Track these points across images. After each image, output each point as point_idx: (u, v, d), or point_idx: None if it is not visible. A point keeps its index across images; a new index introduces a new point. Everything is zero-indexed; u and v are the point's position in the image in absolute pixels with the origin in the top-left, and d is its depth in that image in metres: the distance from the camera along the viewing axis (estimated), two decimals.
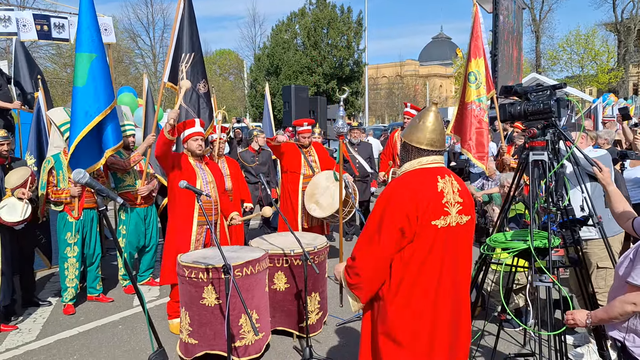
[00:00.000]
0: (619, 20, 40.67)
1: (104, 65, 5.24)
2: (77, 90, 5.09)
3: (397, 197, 2.33)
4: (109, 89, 5.24)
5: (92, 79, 5.08)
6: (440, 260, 2.37)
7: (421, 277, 2.35)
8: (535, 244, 2.93)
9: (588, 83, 40.69)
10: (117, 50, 29.01)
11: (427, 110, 2.52)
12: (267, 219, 8.48)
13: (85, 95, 5.07)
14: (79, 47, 5.11)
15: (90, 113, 5.07)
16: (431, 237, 2.34)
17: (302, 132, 6.74)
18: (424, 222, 2.32)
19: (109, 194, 2.38)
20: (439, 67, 71.42)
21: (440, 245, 2.36)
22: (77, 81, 5.08)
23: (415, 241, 2.33)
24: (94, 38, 5.10)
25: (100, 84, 5.14)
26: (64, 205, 5.31)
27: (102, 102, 5.14)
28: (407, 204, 2.30)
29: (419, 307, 2.36)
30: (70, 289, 5.38)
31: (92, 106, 5.09)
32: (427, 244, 2.34)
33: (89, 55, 5.07)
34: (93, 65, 5.09)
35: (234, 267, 3.73)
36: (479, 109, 6.33)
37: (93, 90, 5.10)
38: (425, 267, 2.35)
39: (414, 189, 2.34)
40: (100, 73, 5.15)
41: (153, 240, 6.13)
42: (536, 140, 3.07)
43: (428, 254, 2.34)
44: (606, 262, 3.94)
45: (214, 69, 44.72)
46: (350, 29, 31.17)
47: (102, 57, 5.20)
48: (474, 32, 6.47)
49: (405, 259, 2.35)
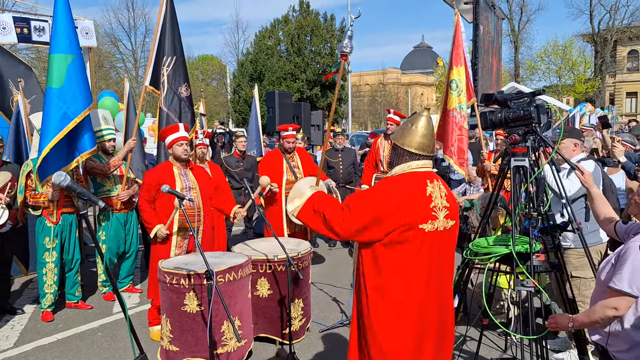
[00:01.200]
0: (596, 31, 41.58)
1: (82, 67, 5.15)
2: (52, 92, 4.95)
3: (383, 191, 2.36)
4: (87, 91, 5.15)
5: (69, 81, 4.97)
6: (428, 264, 2.39)
7: (410, 281, 2.36)
8: (517, 249, 2.96)
9: (565, 92, 41.46)
10: (97, 55, 28.68)
11: (419, 114, 2.54)
12: (252, 225, 8.44)
13: (63, 97, 4.95)
14: (54, 48, 4.99)
15: (68, 115, 4.96)
16: (419, 241, 2.35)
17: (286, 136, 6.74)
18: (413, 225, 2.33)
19: (90, 197, 2.34)
20: (420, 76, 72.13)
21: (427, 249, 2.38)
22: (53, 82, 4.94)
23: (403, 245, 2.33)
24: (71, 39, 5.00)
25: (79, 86, 5.05)
26: (42, 210, 5.21)
27: (81, 103, 5.05)
28: (391, 201, 2.32)
29: (407, 313, 2.36)
30: (48, 295, 5.27)
31: (71, 107, 4.98)
32: (415, 248, 2.35)
33: (65, 57, 4.97)
34: (71, 66, 4.99)
35: (216, 272, 3.69)
36: (460, 116, 6.40)
37: (72, 92, 4.99)
38: (414, 271, 2.36)
39: (403, 191, 2.35)
40: (78, 75, 5.05)
41: (133, 246, 6.05)
42: (517, 147, 3.12)
43: (415, 257, 2.35)
44: (580, 271, 3.98)
45: (196, 74, 44.47)
46: (333, 36, 31.35)
47: (79, 59, 5.10)
48: (455, 41, 6.55)
49: (392, 262, 2.35)
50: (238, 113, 32.37)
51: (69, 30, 5.02)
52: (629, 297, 2.36)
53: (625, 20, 41.20)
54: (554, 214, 3.34)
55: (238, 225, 8.68)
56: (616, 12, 41.10)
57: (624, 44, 43.20)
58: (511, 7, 43.05)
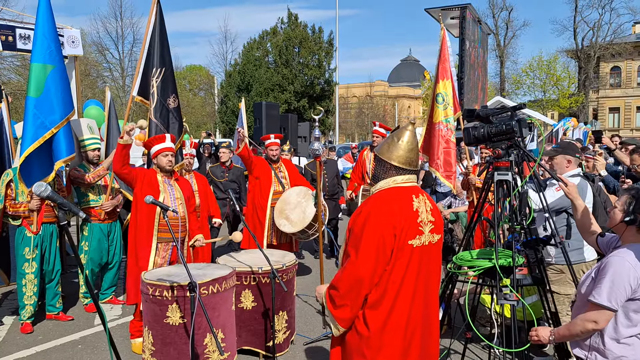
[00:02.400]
0: (580, 47, 42.37)
1: (62, 77, 5.12)
2: (30, 101, 4.95)
3: (375, 216, 2.33)
4: (66, 101, 5.13)
5: (48, 91, 4.96)
6: (415, 279, 2.38)
7: (397, 296, 2.35)
8: (500, 262, 2.98)
9: (550, 107, 42.10)
10: (84, 63, 28.52)
11: (404, 128, 2.53)
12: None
13: (40, 106, 4.94)
14: (33, 57, 4.99)
15: (45, 124, 4.94)
16: (407, 257, 2.34)
17: (269, 145, 6.75)
18: (402, 242, 2.32)
19: (71, 208, 2.31)
20: (407, 89, 72.74)
21: (415, 265, 2.37)
22: (31, 91, 4.95)
23: (394, 262, 2.33)
24: (51, 49, 4.99)
25: (58, 96, 5.02)
26: (22, 220, 5.14)
27: (58, 114, 5.02)
28: (385, 224, 2.30)
29: (392, 327, 2.36)
30: (28, 306, 5.17)
31: (48, 118, 4.96)
32: (404, 264, 2.34)
33: (44, 66, 4.96)
34: (50, 76, 4.97)
35: (200, 284, 3.66)
36: (446, 129, 6.46)
37: (49, 102, 4.97)
38: (401, 287, 2.35)
39: (391, 209, 2.34)
40: (58, 85, 5.03)
41: (116, 257, 5.98)
42: (501, 161, 3.15)
43: (404, 274, 2.34)
44: (555, 286, 4.01)
45: (183, 84, 44.38)
46: (321, 48, 31.52)
47: (60, 69, 5.08)
48: (441, 55, 6.63)
49: (382, 279, 2.34)
50: (225, 124, 32.32)
51: (50, 40, 5.00)
52: (608, 310, 2.39)
53: (608, 38, 42.08)
54: (537, 227, 3.38)
55: (222, 235, 8.62)
56: (599, 29, 42.01)
57: (607, 60, 44.06)
58: (497, 23, 43.77)
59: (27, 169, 4.99)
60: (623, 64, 44.53)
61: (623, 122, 45.28)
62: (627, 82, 44.99)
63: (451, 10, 13.21)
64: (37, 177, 4.96)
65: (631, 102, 44.79)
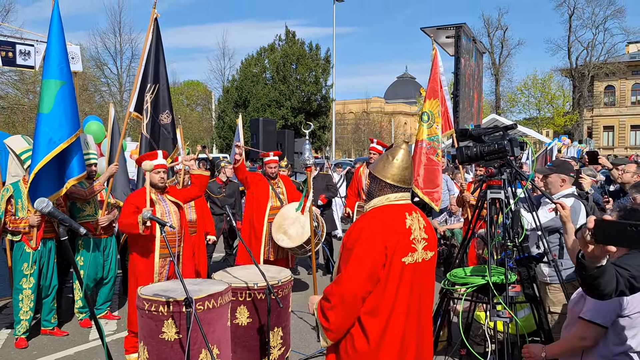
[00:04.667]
0: (574, 66, 42.87)
1: (71, 93, 5.18)
2: (41, 117, 5.00)
3: (368, 234, 2.35)
4: (74, 117, 5.17)
5: (58, 107, 5.00)
6: (408, 296, 2.40)
7: (391, 314, 2.37)
8: (493, 280, 3.02)
9: (545, 125, 42.45)
10: (82, 78, 28.64)
11: (397, 147, 2.57)
12: (232, 251, 8.40)
13: (50, 122, 4.97)
14: (45, 74, 5.05)
15: (54, 140, 4.97)
16: (399, 275, 2.36)
17: (268, 162, 6.81)
18: (394, 259, 2.35)
19: (72, 224, 2.34)
20: (403, 105, 73.18)
21: (407, 282, 2.39)
22: (43, 108, 4.99)
23: (386, 279, 2.35)
24: (62, 65, 5.05)
25: (67, 112, 5.07)
26: (21, 235, 5.15)
27: (67, 130, 5.05)
28: (377, 241, 2.33)
29: (386, 346, 2.38)
30: (23, 321, 5.16)
31: (57, 133, 4.99)
32: (396, 282, 2.36)
33: (55, 82, 5.00)
34: (60, 92, 5.02)
35: (195, 300, 3.68)
36: (428, 147, 6.56)
37: (58, 118, 5.01)
38: (395, 304, 2.37)
39: (384, 226, 2.36)
40: (67, 101, 5.08)
41: (111, 272, 5.97)
42: (494, 179, 3.21)
43: (397, 292, 2.37)
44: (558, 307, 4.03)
45: (181, 99, 44.57)
46: (318, 65, 31.78)
47: (69, 85, 5.14)
48: (431, 75, 6.78)
49: (373, 297, 2.37)
50: (222, 139, 32.42)
51: (61, 56, 5.05)
52: (598, 327, 2.42)
53: (602, 57, 42.60)
54: (530, 246, 3.43)
55: (218, 251, 8.64)
56: (593, 49, 42.57)
57: (601, 79, 44.54)
58: (492, 41, 44.33)
59: (35, 185, 5.02)
60: (617, 83, 45.02)
61: (617, 140, 45.63)
62: (621, 101, 45.44)
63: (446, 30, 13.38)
64: (43, 194, 4.98)
65: (625, 120, 45.19)
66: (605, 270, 1.85)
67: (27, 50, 6.59)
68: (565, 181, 4.14)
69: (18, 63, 6.58)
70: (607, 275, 1.89)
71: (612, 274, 1.94)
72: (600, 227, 1.67)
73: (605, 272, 1.86)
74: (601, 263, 1.82)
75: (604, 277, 1.87)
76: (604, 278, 1.88)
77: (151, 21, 5.69)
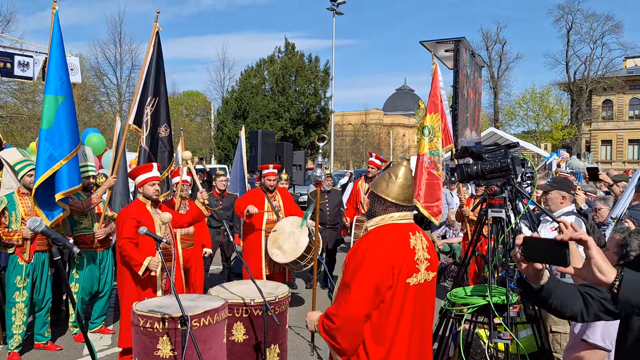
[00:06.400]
0: (572, 80, 43.08)
1: (71, 109, 5.15)
2: (42, 133, 4.98)
3: (372, 255, 2.31)
4: (74, 133, 5.13)
5: (58, 122, 4.97)
6: (412, 317, 2.36)
7: (396, 337, 2.33)
8: (494, 300, 2.97)
9: (543, 139, 42.55)
10: (82, 88, 28.67)
11: (399, 164, 2.53)
12: (229, 265, 8.33)
13: (50, 138, 4.94)
14: (46, 89, 5.03)
15: (54, 156, 4.93)
16: (403, 296, 2.32)
17: (267, 174, 6.78)
18: (399, 280, 2.30)
19: (65, 243, 2.30)
20: (402, 117, 73.44)
21: (411, 303, 2.35)
22: (44, 123, 4.97)
23: (390, 301, 2.31)
24: (63, 80, 5.02)
25: (67, 128, 5.03)
26: (15, 248, 5.08)
27: (67, 146, 5.01)
28: (383, 262, 2.28)
29: None
30: (16, 335, 5.08)
31: (57, 149, 4.95)
32: (400, 303, 2.32)
33: (57, 98, 4.98)
34: (60, 108, 4.99)
35: (191, 317, 3.62)
36: (429, 161, 6.56)
37: (59, 134, 4.98)
38: (398, 324, 2.33)
39: (388, 247, 2.32)
40: (67, 116, 5.04)
41: (107, 285, 5.90)
42: (495, 198, 3.17)
43: (401, 313, 2.32)
44: (560, 326, 3.98)
45: (180, 109, 44.61)
46: (317, 77, 31.87)
47: (69, 100, 5.11)
48: (432, 89, 6.79)
49: (377, 319, 2.32)
50: (221, 150, 32.41)
51: (62, 71, 5.03)
52: (602, 350, 2.37)
53: (600, 72, 42.83)
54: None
55: (216, 264, 8.57)
56: (591, 63, 42.83)
57: (599, 93, 44.75)
58: (491, 55, 44.56)
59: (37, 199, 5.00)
60: (615, 98, 45.23)
61: (615, 154, 45.74)
62: (619, 116, 45.62)
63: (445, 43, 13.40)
64: (43, 209, 4.95)
65: (623, 134, 45.34)
66: (550, 289, 1.77)
67: (26, 62, 6.56)
68: (565, 198, 4.10)
69: (16, 74, 6.55)
70: (557, 295, 1.79)
71: (569, 294, 1.84)
72: (529, 245, 1.65)
73: (551, 292, 1.78)
74: (542, 282, 1.75)
75: (552, 297, 1.79)
76: (553, 297, 1.79)
77: (153, 34, 5.68)
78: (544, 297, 1.79)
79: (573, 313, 1.85)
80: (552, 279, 1.77)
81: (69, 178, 5.11)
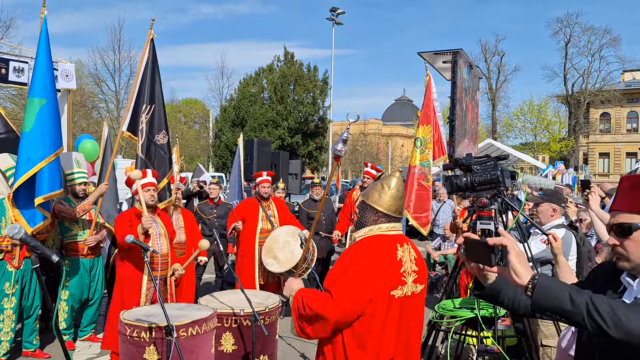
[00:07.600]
0: (570, 93, 43.28)
1: (54, 112, 5.08)
2: (22, 135, 4.94)
3: (357, 265, 2.30)
4: (55, 136, 5.06)
5: (39, 125, 4.92)
6: (397, 329, 2.33)
7: (379, 348, 2.30)
8: (482, 313, 2.95)
9: (541, 150, 42.65)
10: (80, 94, 28.71)
11: (391, 175, 2.53)
12: (222, 274, 8.28)
13: (29, 141, 4.89)
14: (30, 91, 5.01)
15: (32, 159, 4.86)
16: (386, 308, 2.30)
17: (261, 182, 6.76)
18: (383, 292, 2.28)
19: (44, 251, 2.27)
20: (400, 128, 73.63)
21: (395, 316, 2.32)
22: (25, 126, 4.93)
23: (372, 313, 2.29)
24: (46, 84, 4.99)
25: (47, 131, 4.97)
26: (4, 254, 5.04)
27: (47, 149, 4.94)
28: (366, 274, 2.27)
29: None
30: (4, 342, 5.02)
31: (35, 153, 4.88)
32: (382, 315, 2.29)
33: (39, 101, 4.94)
34: (42, 111, 4.94)
35: (178, 326, 3.58)
36: (420, 173, 6.59)
37: (39, 137, 4.92)
38: (383, 337, 2.30)
39: (374, 258, 2.30)
40: (49, 119, 4.99)
41: (97, 293, 5.86)
42: (484, 210, 3.15)
43: (384, 325, 2.30)
44: (550, 340, 3.95)
45: (179, 117, 44.69)
46: (316, 86, 31.98)
47: (52, 103, 5.05)
48: (425, 101, 6.81)
49: (360, 330, 2.30)
50: (219, 157, 32.42)
51: (46, 74, 5.01)
52: None
53: (597, 85, 43.04)
54: None
55: (209, 273, 8.53)
56: (588, 76, 43.05)
57: (596, 106, 44.94)
58: (489, 67, 44.76)
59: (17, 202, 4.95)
60: (612, 110, 45.42)
61: (613, 167, 45.84)
62: (617, 129, 45.78)
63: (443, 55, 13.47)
64: (25, 215, 4.91)
65: (621, 147, 45.47)
66: (498, 288, 1.87)
67: (21, 67, 6.56)
68: (556, 211, 4.09)
69: (10, 79, 6.53)
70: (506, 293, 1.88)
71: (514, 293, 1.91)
72: (468, 245, 1.73)
73: (500, 290, 1.87)
74: (489, 281, 1.84)
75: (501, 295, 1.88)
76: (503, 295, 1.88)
77: (147, 42, 5.68)
78: (494, 295, 1.89)
79: (527, 310, 1.92)
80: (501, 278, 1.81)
81: (49, 182, 5.01)
